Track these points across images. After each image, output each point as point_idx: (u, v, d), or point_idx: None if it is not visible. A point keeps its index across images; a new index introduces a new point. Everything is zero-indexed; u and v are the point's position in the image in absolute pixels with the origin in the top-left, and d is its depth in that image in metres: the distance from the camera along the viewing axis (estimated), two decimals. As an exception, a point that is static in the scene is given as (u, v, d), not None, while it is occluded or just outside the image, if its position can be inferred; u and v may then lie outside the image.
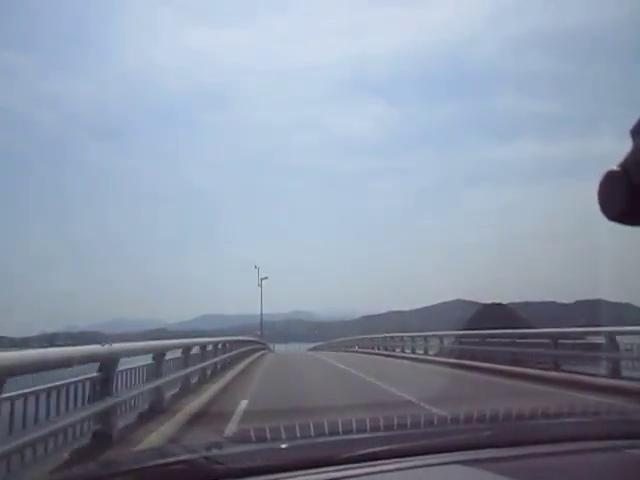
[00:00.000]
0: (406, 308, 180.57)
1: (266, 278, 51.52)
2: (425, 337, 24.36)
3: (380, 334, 34.78)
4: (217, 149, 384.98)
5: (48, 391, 4.90)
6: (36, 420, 4.64)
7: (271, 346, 45.98)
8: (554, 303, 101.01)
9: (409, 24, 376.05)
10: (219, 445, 1.67)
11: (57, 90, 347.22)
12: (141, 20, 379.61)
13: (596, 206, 0.99)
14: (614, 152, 1.02)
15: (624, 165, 0.98)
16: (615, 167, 0.98)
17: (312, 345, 61.06)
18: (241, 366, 17.71)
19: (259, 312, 52.44)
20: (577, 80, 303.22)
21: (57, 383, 5.08)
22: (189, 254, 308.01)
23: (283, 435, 1.76)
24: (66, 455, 5.12)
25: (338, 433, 1.85)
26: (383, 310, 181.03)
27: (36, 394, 4.70)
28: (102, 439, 5.72)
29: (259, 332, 47.05)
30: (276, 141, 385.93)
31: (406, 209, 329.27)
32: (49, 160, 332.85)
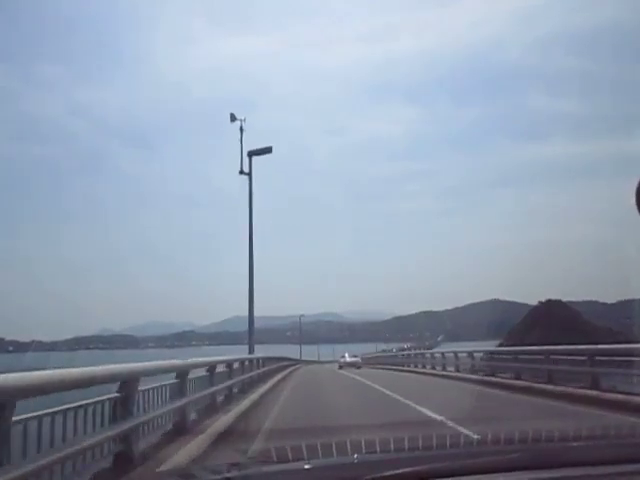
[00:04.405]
0: (438, 308, 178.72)
1: (269, 152, 23.85)
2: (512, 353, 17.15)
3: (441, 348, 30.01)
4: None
5: (65, 412, 4.60)
6: (52, 443, 4.35)
7: (299, 351, 41.57)
8: (596, 302, 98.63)
9: (436, 27, 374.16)
10: (240, 466, 1.65)
11: (91, 100, 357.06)
12: (172, 31, 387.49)
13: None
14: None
15: None
16: None
17: (343, 349, 57.74)
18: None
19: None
20: (606, 79, 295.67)
21: (75, 404, 4.79)
22: (219, 257, 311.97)
23: (305, 455, 1.74)
24: (88, 478, 4.87)
25: (361, 453, 1.81)
26: (414, 310, 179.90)
27: (51, 416, 4.39)
28: (124, 460, 5.50)
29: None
30: (305, 145, 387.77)
31: (436, 210, 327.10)
32: (84, 168, 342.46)
